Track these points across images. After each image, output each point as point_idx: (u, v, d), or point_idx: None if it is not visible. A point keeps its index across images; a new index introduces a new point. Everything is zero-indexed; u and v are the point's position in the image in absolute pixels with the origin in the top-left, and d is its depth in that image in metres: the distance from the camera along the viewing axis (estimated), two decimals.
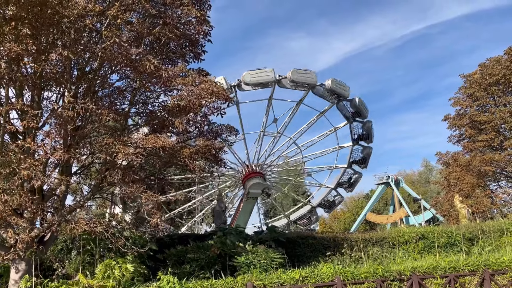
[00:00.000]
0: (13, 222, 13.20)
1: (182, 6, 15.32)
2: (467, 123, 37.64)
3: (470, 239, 24.07)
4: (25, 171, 11.95)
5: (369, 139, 42.23)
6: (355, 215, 72.47)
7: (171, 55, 16.54)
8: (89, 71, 14.87)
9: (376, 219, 61.06)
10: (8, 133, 13.89)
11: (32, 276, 13.91)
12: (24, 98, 14.09)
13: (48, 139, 12.81)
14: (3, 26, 12.26)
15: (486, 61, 37.26)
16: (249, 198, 38.95)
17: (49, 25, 12.82)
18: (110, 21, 13.48)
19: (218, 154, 17.27)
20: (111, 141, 13.11)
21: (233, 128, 17.92)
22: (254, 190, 38.45)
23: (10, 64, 12.46)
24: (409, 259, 20.67)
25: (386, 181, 59.86)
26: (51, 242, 15.50)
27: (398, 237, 23.85)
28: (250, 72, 35.68)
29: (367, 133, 41.77)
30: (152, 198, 13.81)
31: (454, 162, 37.56)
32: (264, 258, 17.09)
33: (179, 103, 14.69)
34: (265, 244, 19.36)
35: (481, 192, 36.05)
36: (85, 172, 17.92)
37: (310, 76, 36.53)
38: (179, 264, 17.88)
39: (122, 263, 14.91)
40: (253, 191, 38.42)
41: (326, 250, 22.21)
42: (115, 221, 17.13)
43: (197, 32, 16.11)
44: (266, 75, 35.92)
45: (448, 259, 17.35)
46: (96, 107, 12.97)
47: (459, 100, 38.86)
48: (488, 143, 36.21)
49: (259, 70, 35.97)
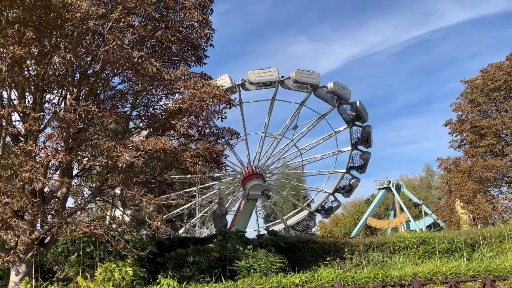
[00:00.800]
0: (13, 224, 13.22)
1: (184, 10, 15.39)
2: (468, 129, 37.61)
3: (471, 245, 23.98)
4: (26, 173, 11.97)
5: (368, 143, 42.21)
6: (355, 220, 72.32)
7: (173, 59, 16.61)
8: (91, 74, 14.92)
9: (377, 224, 60.89)
10: (10, 135, 13.92)
11: (32, 278, 13.90)
12: (26, 100, 14.14)
13: (50, 141, 12.84)
14: (6, 29, 12.33)
15: (487, 67, 37.29)
16: (249, 199, 38.83)
17: (52, 28, 12.88)
18: (112, 24, 13.56)
19: (219, 158, 17.30)
20: (113, 144, 13.13)
21: (235, 131, 17.95)
22: (254, 192, 38.34)
23: (13, 66, 12.51)
24: (409, 264, 20.58)
25: (387, 186, 59.74)
26: (51, 245, 15.50)
27: (399, 242, 23.77)
28: (255, 71, 35.92)
29: (366, 137, 41.75)
30: (153, 201, 13.82)
31: (455, 167, 37.49)
32: (264, 262, 17.05)
33: (181, 106, 14.73)
34: (265, 248, 19.32)
35: (482, 197, 35.95)
36: (86, 174, 17.94)
37: (313, 76, 36.74)
38: (179, 267, 17.84)
39: (122, 266, 14.89)
40: (253, 192, 38.30)
41: (326, 254, 22.15)
42: (115, 224, 17.14)
43: (199, 36, 16.18)
44: (271, 75, 36.15)
45: (449, 264, 17.28)
46: (98, 110, 13.01)
47: (460, 106, 38.86)
48: (489, 149, 36.16)
49: (263, 70, 36.22)
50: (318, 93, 38.63)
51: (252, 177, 39.12)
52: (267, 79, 36.13)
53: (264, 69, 36.22)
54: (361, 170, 43.82)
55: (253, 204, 40.64)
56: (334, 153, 44.28)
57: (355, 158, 43.48)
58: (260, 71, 36.08)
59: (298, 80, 36.05)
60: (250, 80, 35.72)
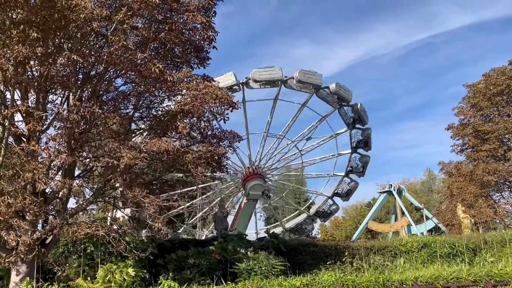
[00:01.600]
0: (15, 224, 13.23)
1: (187, 12, 15.42)
2: (470, 133, 37.52)
3: (472, 249, 23.91)
4: (28, 174, 12.00)
5: (368, 146, 42.31)
6: (356, 223, 72.16)
7: (176, 61, 16.62)
8: (94, 75, 14.95)
9: (378, 228, 60.78)
10: (12, 135, 13.94)
11: (33, 279, 13.89)
12: (29, 100, 14.18)
13: (52, 142, 12.86)
14: (11, 29, 12.38)
15: (490, 71, 37.21)
16: (249, 199, 38.72)
17: (57, 29, 12.93)
18: (116, 26, 13.59)
19: (220, 160, 17.29)
20: (116, 146, 13.14)
21: (237, 134, 17.96)
22: (254, 192, 38.23)
23: (17, 67, 12.55)
24: (411, 268, 20.53)
25: (388, 190, 59.65)
26: (52, 245, 15.50)
27: (400, 246, 23.72)
28: (259, 69, 36.15)
29: (366, 140, 41.85)
30: (155, 202, 13.82)
31: (457, 171, 37.39)
32: (265, 265, 17.03)
33: (183, 107, 14.75)
34: (266, 250, 19.29)
35: (484, 202, 35.82)
36: (87, 175, 17.96)
37: (316, 77, 37.03)
38: (180, 269, 17.82)
39: (123, 267, 14.89)
40: (253, 192, 38.20)
41: (327, 258, 22.11)
42: (116, 225, 17.14)
43: (202, 38, 16.20)
44: (275, 73, 36.42)
45: (450, 269, 17.23)
46: (101, 111, 13.04)
47: (462, 110, 38.77)
48: (491, 153, 36.05)
49: (268, 68, 36.44)
50: (320, 94, 38.80)
51: (252, 177, 39.04)
52: (271, 77, 36.47)
53: (268, 67, 36.55)
54: (361, 173, 43.81)
55: (254, 205, 40.52)
56: (334, 156, 44.36)
57: (355, 161, 43.53)
58: (265, 69, 36.45)
59: (301, 80, 36.33)
60: (254, 78, 36.02)
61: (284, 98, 39.38)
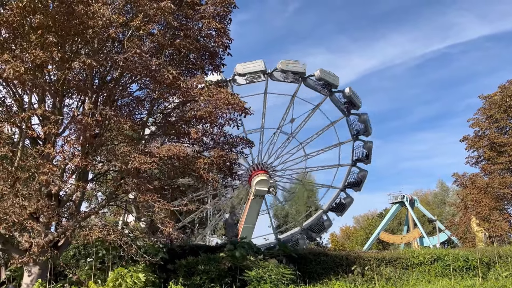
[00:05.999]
0: (29, 226, 13.37)
1: (203, 19, 15.57)
2: (486, 145, 36.96)
3: (486, 263, 23.46)
4: (43, 176, 12.14)
5: (368, 159, 42.76)
6: (368, 233, 71.36)
7: (190, 67, 16.75)
8: (110, 80, 15.14)
9: (389, 239, 60.03)
10: (29, 138, 14.16)
11: (45, 280, 14.00)
12: (46, 104, 14.40)
13: (67, 145, 13.02)
14: (30, 34, 12.62)
15: (506, 83, 36.76)
16: (256, 196, 38.55)
17: (74, 35, 13.14)
18: (132, 32, 13.77)
19: (232, 166, 17.29)
20: (127, 150, 13.25)
21: (249, 140, 17.99)
22: (260, 187, 38.09)
23: (35, 70, 12.77)
24: (423, 281, 20.23)
25: (400, 201, 58.96)
26: (64, 247, 15.63)
27: (412, 258, 23.36)
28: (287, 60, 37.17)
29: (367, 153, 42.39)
30: (165, 207, 13.85)
31: (471, 184, 36.81)
32: (275, 273, 16.91)
33: (196, 113, 14.82)
34: (276, 258, 19.17)
35: (499, 215, 35.17)
36: (101, 179, 18.13)
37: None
38: (190, 275, 17.80)
39: (133, 271, 14.93)
40: (259, 188, 38.06)
41: (338, 268, 21.88)
42: (128, 230, 17.22)
43: (217, 45, 16.32)
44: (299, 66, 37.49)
45: (463, 283, 16.95)
46: (114, 114, 13.16)
47: (478, 121, 38.26)
48: (507, 166, 35.46)
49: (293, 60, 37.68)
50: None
51: (258, 173, 39.06)
52: (296, 70, 37.60)
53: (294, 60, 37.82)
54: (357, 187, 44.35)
55: (260, 202, 40.25)
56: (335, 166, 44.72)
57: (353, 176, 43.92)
58: (292, 61, 37.50)
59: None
60: (282, 68, 36.93)
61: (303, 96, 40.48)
